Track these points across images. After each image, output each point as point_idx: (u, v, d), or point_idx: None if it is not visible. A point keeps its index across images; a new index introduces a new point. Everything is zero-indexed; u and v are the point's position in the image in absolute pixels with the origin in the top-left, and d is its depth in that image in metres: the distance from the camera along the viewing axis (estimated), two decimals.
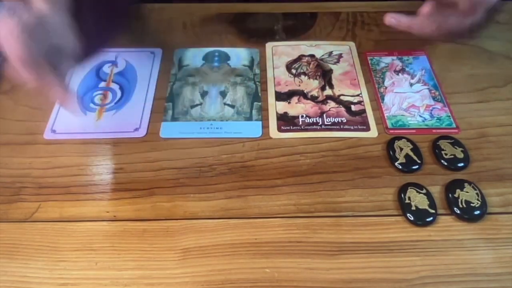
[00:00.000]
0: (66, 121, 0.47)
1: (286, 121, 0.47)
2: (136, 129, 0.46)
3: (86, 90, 0.50)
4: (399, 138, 0.45)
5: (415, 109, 0.48)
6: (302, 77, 0.52)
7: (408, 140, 0.45)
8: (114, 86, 0.51)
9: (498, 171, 0.43)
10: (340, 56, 0.54)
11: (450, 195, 0.40)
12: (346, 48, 0.55)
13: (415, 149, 0.44)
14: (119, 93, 0.50)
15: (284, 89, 0.51)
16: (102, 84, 0.51)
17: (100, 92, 0.50)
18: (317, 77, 0.52)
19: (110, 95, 0.50)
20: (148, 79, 0.51)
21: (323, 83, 0.51)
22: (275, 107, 0.49)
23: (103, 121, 0.47)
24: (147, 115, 0.48)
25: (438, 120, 0.47)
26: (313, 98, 0.50)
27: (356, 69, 0.53)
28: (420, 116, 0.48)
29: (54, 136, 0.46)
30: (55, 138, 0.46)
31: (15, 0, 0.34)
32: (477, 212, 0.39)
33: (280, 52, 0.55)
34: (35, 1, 0.34)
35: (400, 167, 0.43)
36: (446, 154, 0.43)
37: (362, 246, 0.38)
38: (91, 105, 0.49)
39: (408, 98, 0.49)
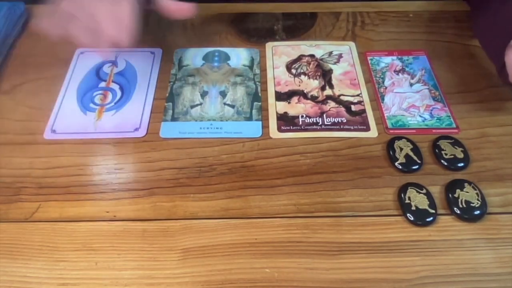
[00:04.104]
0: (66, 121, 0.47)
1: (286, 121, 0.47)
2: (136, 129, 0.46)
3: (86, 90, 0.50)
4: (399, 138, 0.45)
5: (415, 109, 0.48)
6: (302, 77, 0.52)
7: (408, 140, 0.45)
8: (114, 86, 0.51)
9: (498, 171, 0.43)
10: (340, 56, 0.54)
11: (450, 195, 0.40)
12: (346, 48, 0.55)
13: (415, 149, 0.44)
14: (119, 93, 0.50)
15: (284, 89, 0.51)
16: (102, 84, 0.51)
17: (100, 92, 0.50)
18: (317, 77, 0.52)
19: (110, 95, 0.50)
20: (148, 79, 0.51)
21: (323, 83, 0.51)
22: (275, 107, 0.49)
23: (103, 121, 0.47)
24: (147, 115, 0.48)
25: (438, 120, 0.47)
26: (313, 98, 0.50)
27: (356, 69, 0.53)
28: (420, 116, 0.48)
29: (54, 136, 0.46)
30: (55, 138, 0.46)
31: None
32: (477, 212, 0.39)
33: (280, 52, 0.55)
34: None
35: (400, 167, 0.43)
36: (446, 154, 0.43)
37: (362, 246, 0.38)
38: (91, 105, 0.49)
39: (408, 98, 0.49)
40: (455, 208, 0.40)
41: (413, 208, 0.39)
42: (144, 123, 0.47)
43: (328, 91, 0.50)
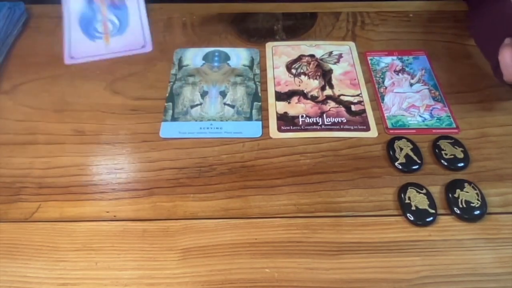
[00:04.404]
0: (81, 47, 0.54)
1: (286, 121, 0.47)
2: (143, 46, 0.54)
3: (87, 22, 0.55)
4: (399, 138, 0.45)
5: (415, 109, 0.48)
6: (302, 77, 0.52)
7: (408, 140, 0.45)
8: (110, 16, 0.56)
9: (498, 171, 0.43)
10: (340, 56, 0.54)
11: (450, 195, 0.40)
12: (346, 48, 0.55)
13: (415, 149, 0.44)
14: (117, 21, 0.56)
15: (284, 89, 0.51)
16: (99, 16, 0.56)
17: (100, 23, 0.55)
18: (317, 77, 0.52)
19: (109, 24, 0.55)
20: (137, 2, 0.56)
21: (323, 83, 0.51)
22: (275, 107, 0.49)
23: (112, 44, 0.54)
24: (147, 31, 0.55)
25: (438, 120, 0.47)
26: (313, 98, 0.50)
27: (356, 69, 0.53)
28: (420, 116, 0.48)
29: (73, 61, 0.52)
30: (75, 63, 0.52)
31: None
32: (477, 212, 0.39)
33: (280, 52, 0.55)
34: None
35: (400, 167, 0.43)
36: (446, 154, 0.43)
37: (362, 246, 0.38)
38: (96, 33, 0.55)
39: (408, 98, 0.49)
40: (455, 208, 0.40)
41: (413, 208, 0.39)
42: (148, 39, 0.54)
43: (328, 91, 0.50)
